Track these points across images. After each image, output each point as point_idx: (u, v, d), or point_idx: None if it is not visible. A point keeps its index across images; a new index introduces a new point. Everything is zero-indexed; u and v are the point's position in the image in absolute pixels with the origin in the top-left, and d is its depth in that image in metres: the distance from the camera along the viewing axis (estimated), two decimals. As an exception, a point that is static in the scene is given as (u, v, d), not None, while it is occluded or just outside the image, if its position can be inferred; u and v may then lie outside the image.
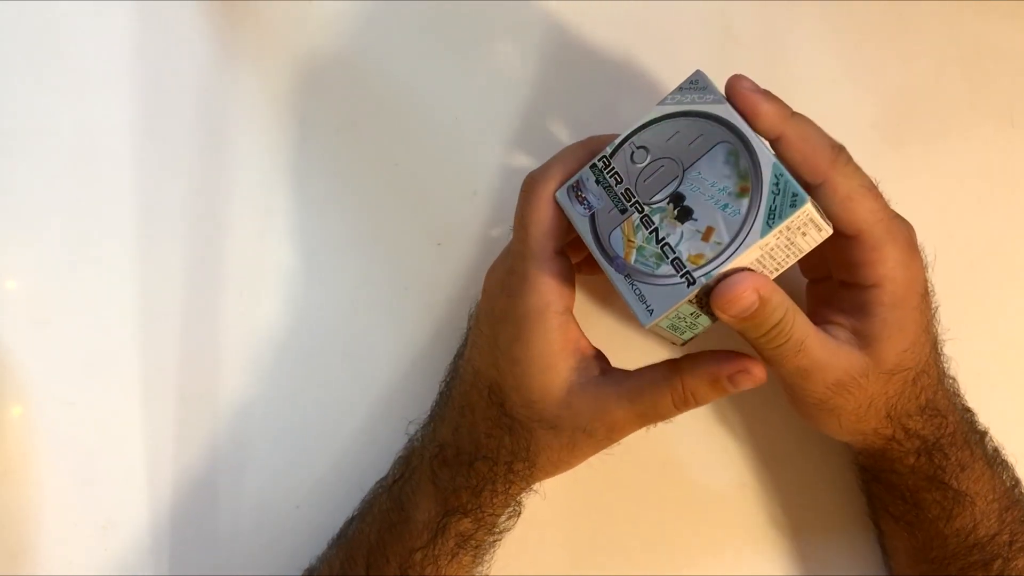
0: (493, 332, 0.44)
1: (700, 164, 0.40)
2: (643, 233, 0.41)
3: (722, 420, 0.51)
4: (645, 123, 0.41)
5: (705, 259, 0.40)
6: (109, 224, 0.52)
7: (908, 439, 0.44)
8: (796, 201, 0.39)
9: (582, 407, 0.42)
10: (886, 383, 0.42)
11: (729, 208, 0.40)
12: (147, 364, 0.51)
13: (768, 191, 0.39)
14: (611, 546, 0.51)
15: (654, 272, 0.40)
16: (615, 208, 0.41)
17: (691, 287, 0.40)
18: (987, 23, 0.52)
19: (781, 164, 0.39)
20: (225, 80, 0.52)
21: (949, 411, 0.44)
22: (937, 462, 0.44)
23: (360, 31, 0.52)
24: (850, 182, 0.40)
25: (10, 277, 0.52)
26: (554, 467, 0.45)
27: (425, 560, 0.45)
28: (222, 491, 0.51)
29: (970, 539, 0.44)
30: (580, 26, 0.52)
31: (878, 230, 0.40)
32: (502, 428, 0.44)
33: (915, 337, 0.42)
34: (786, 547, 0.51)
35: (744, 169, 0.40)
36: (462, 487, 0.44)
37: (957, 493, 0.44)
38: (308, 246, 0.52)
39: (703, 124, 0.40)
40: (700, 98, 0.40)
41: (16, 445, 0.51)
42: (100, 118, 0.52)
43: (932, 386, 0.44)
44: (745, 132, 0.40)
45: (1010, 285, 0.52)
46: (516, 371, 0.43)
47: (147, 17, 0.52)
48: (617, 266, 0.41)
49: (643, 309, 0.40)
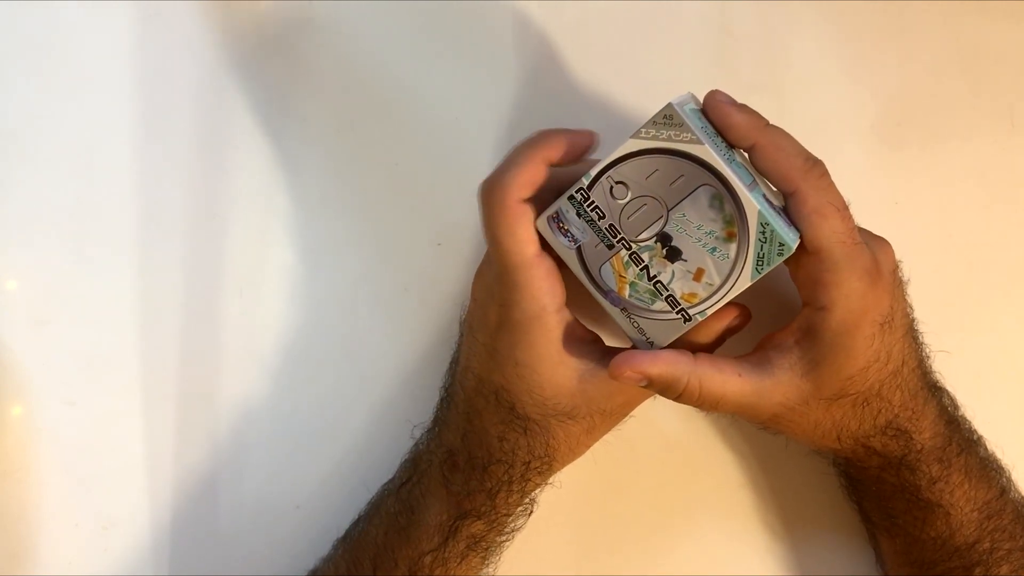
0: (491, 339, 0.44)
1: (684, 205, 0.41)
2: (634, 269, 0.42)
3: (722, 420, 0.51)
4: (621, 156, 0.41)
5: (699, 298, 0.41)
6: (109, 224, 0.52)
7: (869, 456, 0.44)
8: (783, 250, 0.40)
9: (596, 392, 0.43)
10: (828, 408, 0.42)
11: (718, 252, 0.41)
12: (147, 364, 0.51)
13: (755, 239, 0.40)
14: (611, 546, 0.51)
15: (649, 307, 0.42)
16: (601, 243, 0.42)
17: (688, 323, 0.42)
18: (987, 23, 0.52)
19: (766, 212, 0.40)
20: (225, 80, 0.52)
21: (920, 429, 0.44)
22: (904, 477, 0.44)
23: (360, 31, 0.52)
24: (819, 197, 0.40)
25: (10, 277, 0.52)
26: (572, 454, 0.45)
27: (435, 563, 0.45)
28: (222, 491, 0.51)
29: (948, 546, 0.44)
30: (580, 26, 0.52)
31: (838, 252, 0.40)
32: (516, 430, 0.44)
33: (864, 364, 0.42)
34: (785, 547, 0.51)
35: (729, 215, 0.40)
36: (476, 490, 0.44)
37: (928, 503, 0.44)
38: (308, 246, 0.52)
39: (683, 164, 0.40)
40: (677, 135, 0.40)
41: (16, 445, 0.51)
42: (100, 118, 0.52)
43: (894, 407, 0.43)
44: (730, 179, 0.40)
45: (1010, 285, 0.52)
46: (523, 373, 0.43)
47: (147, 17, 0.52)
48: (612, 299, 0.42)
49: (644, 341, 0.43)
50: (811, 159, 0.41)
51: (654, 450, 0.51)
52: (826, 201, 0.40)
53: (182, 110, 0.52)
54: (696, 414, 0.51)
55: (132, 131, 0.52)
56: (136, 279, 0.52)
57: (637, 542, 0.51)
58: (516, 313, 0.42)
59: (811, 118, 0.50)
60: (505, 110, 0.52)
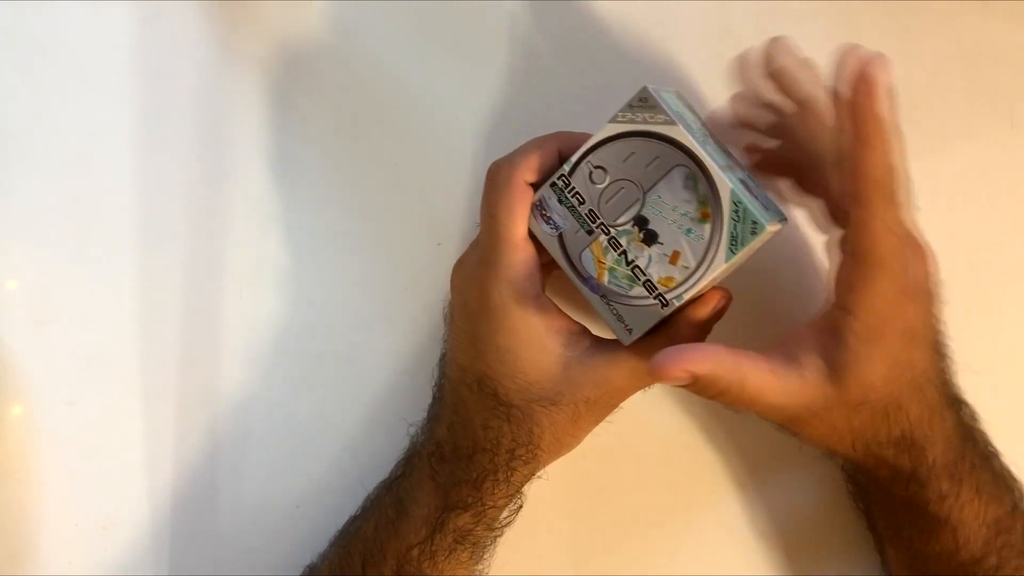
0: (470, 326, 0.44)
1: (660, 187, 0.41)
2: (612, 255, 0.42)
3: (721, 421, 0.51)
4: (599, 141, 0.41)
5: (675, 282, 0.41)
6: (109, 224, 0.52)
7: (879, 467, 0.43)
8: (756, 228, 0.40)
9: (582, 379, 0.43)
10: (849, 415, 0.42)
11: (692, 233, 0.41)
12: (147, 364, 0.51)
13: (728, 218, 0.40)
14: (607, 547, 0.51)
15: (627, 293, 0.42)
16: (582, 229, 0.42)
17: (665, 308, 0.42)
18: (987, 23, 0.52)
19: (739, 191, 0.40)
20: (225, 80, 0.52)
21: (933, 443, 0.43)
22: (913, 491, 0.43)
23: (360, 31, 0.52)
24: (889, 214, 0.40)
25: (10, 277, 0.52)
26: (559, 445, 0.45)
27: (422, 556, 0.44)
28: (222, 491, 0.51)
29: (952, 561, 0.43)
30: (581, 26, 0.52)
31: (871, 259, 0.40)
32: (500, 417, 0.44)
33: (886, 374, 0.41)
34: (785, 548, 0.51)
35: (703, 195, 0.40)
36: (462, 480, 0.44)
37: (936, 519, 0.43)
38: (308, 246, 0.52)
39: (658, 146, 0.41)
40: (651, 117, 0.40)
41: (16, 445, 0.51)
42: (100, 118, 0.52)
43: (910, 419, 0.42)
44: (702, 158, 0.40)
45: (1011, 285, 0.52)
46: (506, 358, 0.43)
47: (147, 17, 0.52)
48: (591, 286, 0.43)
49: (622, 328, 0.43)
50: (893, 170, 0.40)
51: (649, 450, 0.51)
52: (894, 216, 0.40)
53: (182, 110, 0.52)
54: (694, 415, 0.51)
55: (132, 131, 0.52)
56: (136, 279, 0.52)
57: (633, 543, 0.51)
58: (495, 296, 0.42)
59: (811, 118, 0.50)
60: (505, 110, 0.52)
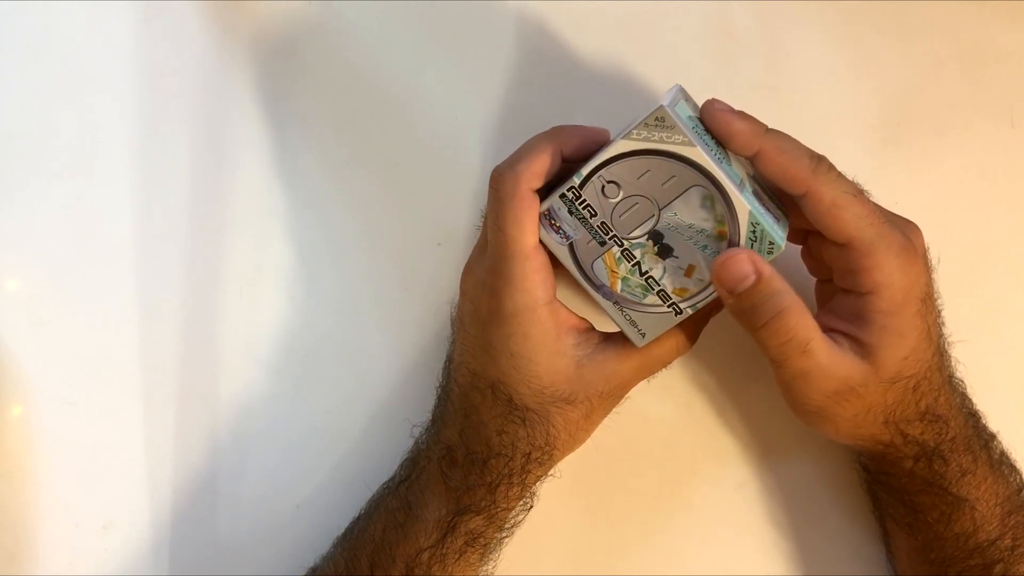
0: (483, 333, 0.44)
1: (675, 205, 0.41)
2: (626, 265, 0.43)
3: (722, 420, 0.51)
4: (612, 157, 0.41)
5: (689, 292, 0.42)
6: (109, 224, 0.52)
7: (906, 445, 0.44)
8: (773, 249, 0.41)
9: (594, 376, 0.44)
10: (885, 392, 0.42)
11: (709, 249, 0.42)
12: (147, 364, 0.51)
13: (746, 238, 0.41)
14: (611, 546, 0.51)
15: (641, 301, 0.43)
16: (593, 240, 0.42)
17: (679, 315, 0.43)
18: (987, 23, 0.52)
19: (756, 212, 0.40)
20: (225, 80, 0.52)
21: (951, 416, 0.44)
22: (936, 468, 0.44)
23: (359, 31, 0.52)
24: (834, 189, 0.40)
25: (10, 277, 0.52)
26: (573, 441, 0.45)
27: (432, 559, 0.45)
28: (222, 491, 0.51)
29: (970, 543, 0.44)
30: (581, 26, 0.52)
31: (868, 235, 0.40)
32: (515, 422, 0.44)
33: (915, 343, 0.42)
34: (786, 547, 0.51)
35: (721, 214, 0.41)
36: (476, 484, 0.44)
37: (956, 498, 0.44)
38: (308, 246, 0.52)
39: (674, 165, 0.41)
40: (668, 137, 0.40)
41: (16, 445, 0.51)
42: (100, 118, 0.52)
43: (933, 392, 0.43)
44: (721, 180, 0.40)
45: (1011, 285, 0.52)
46: (520, 364, 0.43)
47: (147, 17, 0.52)
48: (604, 294, 0.43)
49: (635, 332, 0.44)
50: (815, 157, 0.41)
51: (655, 446, 0.51)
52: (841, 191, 0.40)
53: (182, 110, 0.52)
54: (694, 414, 0.51)
55: (132, 131, 0.52)
56: (136, 279, 0.52)
57: (637, 542, 0.51)
58: (509, 305, 0.42)
59: (811, 118, 0.50)
60: (505, 110, 0.52)
